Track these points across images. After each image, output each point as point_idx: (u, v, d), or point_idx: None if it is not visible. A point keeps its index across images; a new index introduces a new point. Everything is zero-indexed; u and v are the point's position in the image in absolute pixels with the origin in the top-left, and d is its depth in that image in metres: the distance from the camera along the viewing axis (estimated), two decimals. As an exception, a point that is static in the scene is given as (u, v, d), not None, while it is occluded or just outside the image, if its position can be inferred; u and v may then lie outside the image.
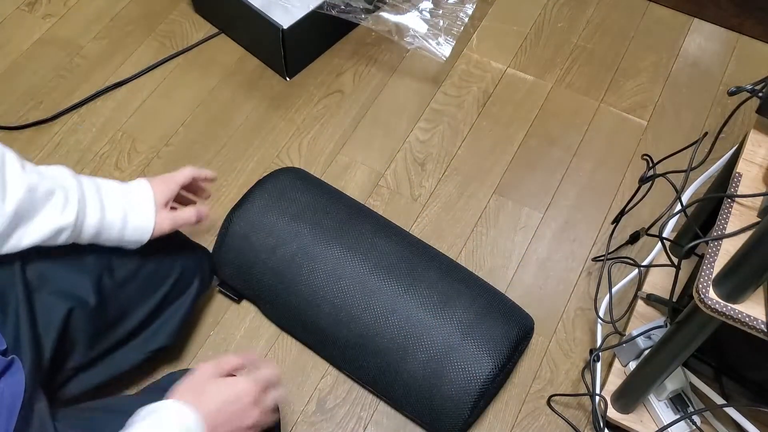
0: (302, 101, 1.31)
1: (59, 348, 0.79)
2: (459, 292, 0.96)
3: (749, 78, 0.90)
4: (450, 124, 1.29)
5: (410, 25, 1.28)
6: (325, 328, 0.97)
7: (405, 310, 0.94)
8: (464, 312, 0.94)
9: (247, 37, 1.35)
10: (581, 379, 1.03)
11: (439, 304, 0.94)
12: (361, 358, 0.96)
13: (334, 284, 0.96)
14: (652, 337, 0.95)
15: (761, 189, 0.76)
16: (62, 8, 1.41)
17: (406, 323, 0.93)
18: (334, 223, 1.00)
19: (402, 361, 0.93)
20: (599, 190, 1.23)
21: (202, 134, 1.27)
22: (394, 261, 0.97)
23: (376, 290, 0.95)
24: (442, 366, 0.91)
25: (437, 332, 0.93)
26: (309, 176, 1.08)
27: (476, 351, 0.92)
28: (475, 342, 0.92)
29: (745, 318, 0.67)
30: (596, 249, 1.17)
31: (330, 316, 0.96)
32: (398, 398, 0.96)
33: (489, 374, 0.92)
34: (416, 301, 0.94)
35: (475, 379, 0.91)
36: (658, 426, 0.94)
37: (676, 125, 1.30)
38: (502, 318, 0.96)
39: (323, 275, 0.97)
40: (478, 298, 0.97)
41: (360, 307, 0.95)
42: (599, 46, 1.40)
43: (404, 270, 0.97)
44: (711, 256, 0.70)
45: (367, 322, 0.94)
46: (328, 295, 0.96)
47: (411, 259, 0.98)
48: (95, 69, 1.33)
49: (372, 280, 0.95)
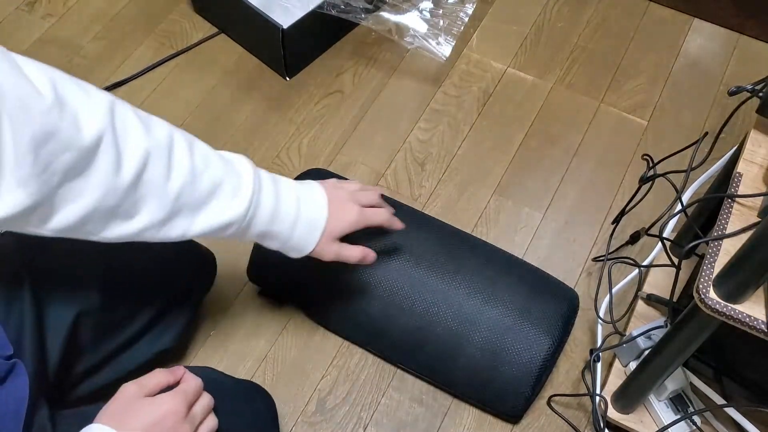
0: (302, 101, 1.31)
1: (67, 352, 0.79)
2: (506, 273, 0.98)
3: (749, 78, 0.90)
4: (450, 124, 1.29)
5: (410, 24, 1.28)
6: (375, 325, 0.98)
7: (455, 297, 0.95)
8: (514, 293, 0.96)
9: (247, 37, 1.35)
10: (581, 380, 1.03)
11: (488, 288, 0.96)
12: (417, 351, 0.97)
13: (381, 280, 0.96)
14: (652, 337, 0.95)
15: (761, 189, 0.76)
16: (62, 8, 1.41)
17: (458, 310, 0.94)
18: None
19: (459, 348, 0.94)
20: (599, 190, 1.23)
21: (201, 134, 1.24)
22: (436, 250, 0.98)
23: (424, 281, 0.96)
24: (500, 348, 0.93)
25: (491, 315, 0.94)
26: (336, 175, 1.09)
27: (532, 330, 0.94)
28: (529, 321, 0.94)
29: (746, 318, 0.67)
30: (596, 249, 1.16)
31: (380, 311, 0.97)
32: (459, 385, 0.99)
33: (547, 351, 0.93)
34: (465, 287, 0.95)
35: (534, 357, 0.93)
36: (659, 426, 0.94)
37: (676, 125, 1.30)
38: (551, 295, 0.98)
39: (368, 272, 0.97)
40: (525, 278, 0.99)
41: (410, 300, 0.96)
42: (599, 46, 1.40)
43: (447, 257, 0.98)
44: (711, 256, 0.70)
45: (418, 313, 0.95)
46: (375, 291, 0.97)
47: (452, 246, 0.99)
48: (95, 69, 1.33)
49: (418, 272, 0.96)
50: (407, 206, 1.06)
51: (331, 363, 1.05)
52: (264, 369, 1.04)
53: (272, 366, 1.04)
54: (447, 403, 1.02)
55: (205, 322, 1.07)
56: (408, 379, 1.04)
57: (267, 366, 1.04)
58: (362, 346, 1.06)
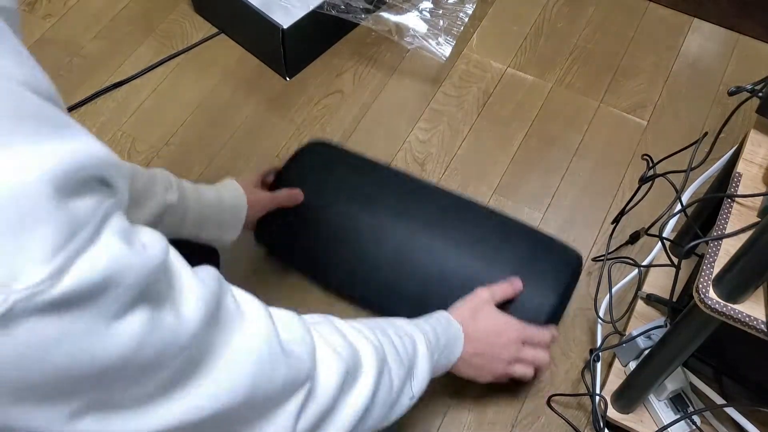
0: (302, 101, 1.31)
1: None
2: (512, 235, 1.02)
3: (749, 78, 0.90)
4: (450, 124, 1.29)
5: (410, 25, 1.28)
6: (383, 288, 1.01)
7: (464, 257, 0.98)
8: (521, 254, 0.99)
9: (247, 37, 1.35)
10: (581, 379, 1.04)
11: (495, 250, 0.99)
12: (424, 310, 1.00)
13: (387, 244, 1.00)
14: (652, 337, 0.96)
15: (761, 189, 0.76)
16: (62, 8, 1.41)
17: (467, 270, 0.97)
18: (376, 187, 1.06)
19: None
20: (599, 190, 1.23)
21: (202, 134, 1.27)
22: (443, 216, 1.02)
23: (430, 245, 0.99)
24: (506, 306, 0.95)
25: (498, 275, 0.97)
26: (338, 146, 1.15)
27: (537, 288, 0.96)
28: (535, 280, 0.97)
29: (745, 318, 0.67)
30: (596, 249, 1.17)
31: (388, 275, 1.00)
32: None
33: (552, 306, 0.96)
34: (473, 249, 0.99)
35: (540, 313, 0.95)
36: (658, 426, 0.94)
37: (676, 125, 1.30)
38: (555, 255, 1.01)
39: (376, 236, 1.01)
40: (529, 239, 1.02)
41: (417, 263, 0.99)
42: (599, 46, 1.40)
43: (454, 222, 1.01)
44: (711, 256, 0.70)
45: (428, 272, 0.98)
46: (383, 253, 1.00)
47: (458, 210, 1.04)
48: (95, 69, 1.33)
49: (425, 236, 1.00)
50: (410, 174, 1.12)
51: (331, 363, 1.05)
52: (264, 369, 1.04)
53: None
54: (447, 403, 1.02)
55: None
56: (408, 379, 1.04)
57: (267, 366, 1.04)
58: (369, 308, 1.08)
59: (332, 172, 1.08)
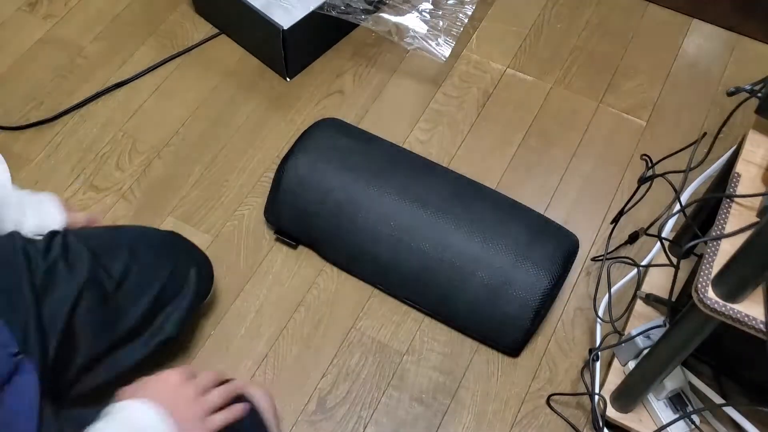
0: (302, 102, 1.31)
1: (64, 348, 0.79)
2: (510, 215, 1.05)
3: (748, 78, 0.90)
4: (450, 125, 1.30)
5: (410, 25, 1.28)
6: (384, 263, 1.05)
7: (461, 236, 1.01)
8: (517, 233, 1.02)
9: (248, 37, 1.36)
10: (580, 379, 1.04)
11: (493, 228, 1.02)
12: (424, 287, 1.04)
13: (390, 221, 1.03)
14: (651, 336, 0.96)
15: (760, 189, 0.76)
16: (63, 9, 1.41)
17: (463, 249, 1.01)
18: (381, 164, 1.08)
19: (463, 284, 1.01)
20: (598, 190, 1.23)
21: (202, 134, 1.27)
22: (444, 194, 1.05)
23: (432, 222, 1.02)
24: (503, 284, 0.99)
25: (495, 254, 1.00)
26: (347, 124, 1.17)
27: (533, 268, 0.99)
28: (531, 260, 1.00)
29: (744, 318, 0.67)
30: (595, 249, 1.17)
31: (389, 250, 1.03)
32: (462, 319, 1.05)
33: (547, 287, 0.99)
34: (470, 227, 1.02)
35: (535, 292, 0.99)
36: (657, 425, 0.94)
37: (675, 125, 1.30)
38: (552, 237, 1.04)
39: (379, 214, 1.03)
40: (527, 220, 1.05)
41: (417, 240, 1.02)
42: (598, 47, 1.40)
43: (455, 200, 1.04)
44: (710, 255, 0.71)
45: (425, 252, 1.02)
46: (385, 231, 1.03)
47: (460, 190, 1.06)
48: (96, 69, 1.33)
49: (426, 213, 1.02)
50: (416, 154, 1.14)
51: (331, 362, 1.05)
52: (264, 369, 1.04)
53: (273, 366, 1.05)
54: (447, 402, 1.03)
55: (205, 322, 1.07)
56: (407, 378, 1.04)
57: (267, 366, 1.04)
58: (372, 284, 1.11)
59: (341, 146, 1.09)
